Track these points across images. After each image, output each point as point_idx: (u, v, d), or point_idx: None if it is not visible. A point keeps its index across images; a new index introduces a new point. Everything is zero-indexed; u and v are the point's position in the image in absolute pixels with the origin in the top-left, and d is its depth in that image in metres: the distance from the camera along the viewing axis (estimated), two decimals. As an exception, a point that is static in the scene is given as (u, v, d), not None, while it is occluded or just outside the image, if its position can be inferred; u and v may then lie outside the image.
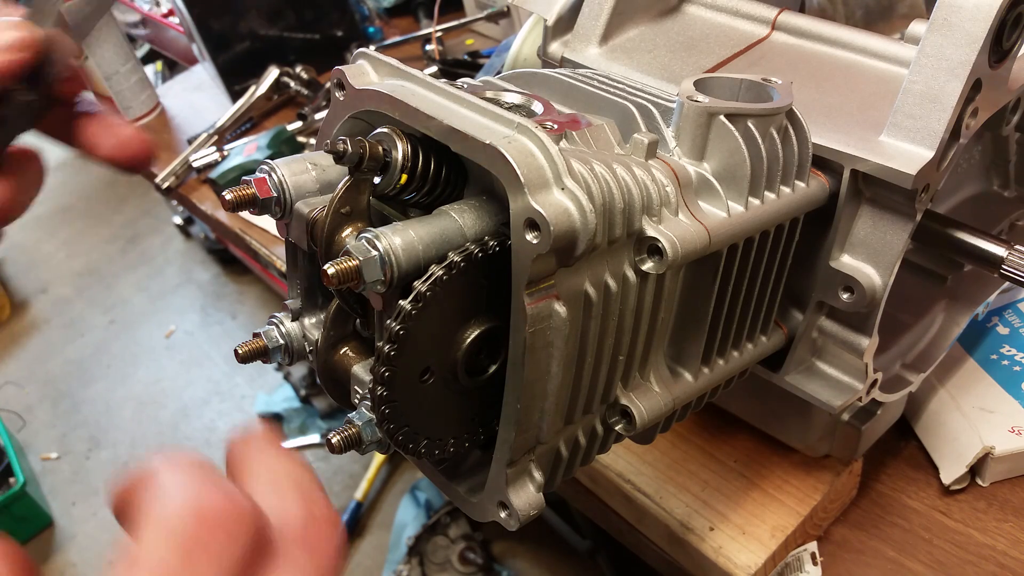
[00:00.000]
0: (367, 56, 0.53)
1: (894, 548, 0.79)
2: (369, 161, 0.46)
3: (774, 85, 0.55)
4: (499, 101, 0.53)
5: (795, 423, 0.78)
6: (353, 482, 2.26)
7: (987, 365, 0.87)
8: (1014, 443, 0.79)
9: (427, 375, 0.47)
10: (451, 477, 0.54)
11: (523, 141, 0.43)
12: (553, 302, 0.44)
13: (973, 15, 0.53)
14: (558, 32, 0.74)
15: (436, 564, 1.99)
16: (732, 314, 0.57)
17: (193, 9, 1.57)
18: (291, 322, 0.56)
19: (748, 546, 0.76)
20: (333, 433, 0.48)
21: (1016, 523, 0.78)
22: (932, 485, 0.83)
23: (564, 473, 0.54)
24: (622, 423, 0.54)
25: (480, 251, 0.44)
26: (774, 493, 0.79)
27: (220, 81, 1.65)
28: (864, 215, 0.61)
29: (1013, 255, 0.64)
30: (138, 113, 1.68)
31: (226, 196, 0.49)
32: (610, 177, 0.46)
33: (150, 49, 2.45)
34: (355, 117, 0.52)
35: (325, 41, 1.70)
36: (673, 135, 0.53)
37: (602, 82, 0.58)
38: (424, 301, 0.43)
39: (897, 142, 0.57)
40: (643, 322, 0.51)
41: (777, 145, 0.54)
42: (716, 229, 0.51)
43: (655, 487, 0.82)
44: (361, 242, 0.43)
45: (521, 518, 0.49)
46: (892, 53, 0.66)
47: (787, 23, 0.72)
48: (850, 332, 0.65)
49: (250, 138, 1.49)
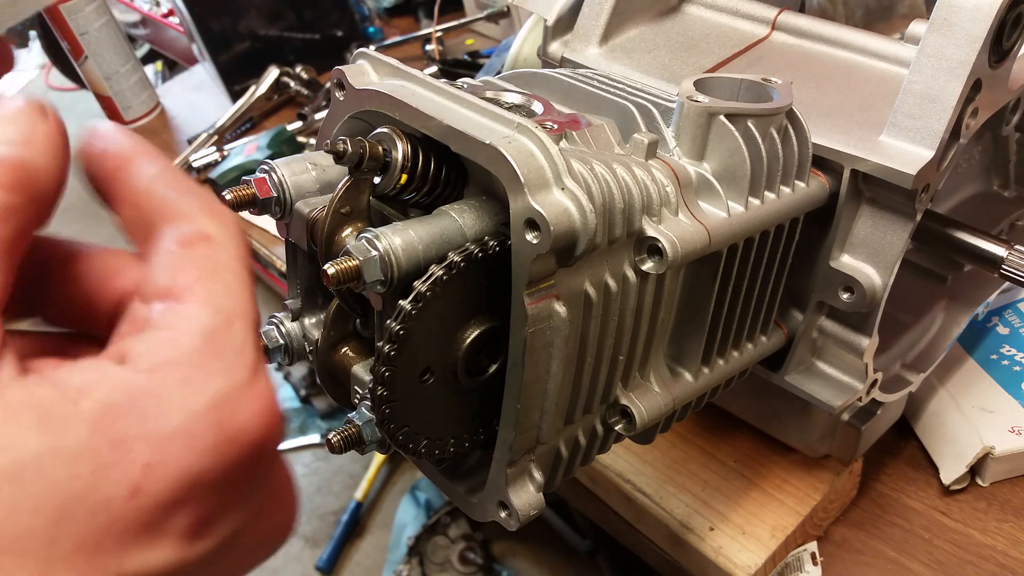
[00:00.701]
0: (367, 56, 0.53)
1: (894, 548, 0.79)
2: (369, 161, 0.46)
3: (774, 85, 0.55)
4: (499, 101, 0.53)
5: (795, 423, 0.78)
6: (353, 482, 2.26)
7: (987, 365, 0.87)
8: (1014, 443, 0.79)
9: (427, 375, 0.47)
10: (451, 477, 0.54)
11: (523, 141, 0.43)
12: (553, 302, 0.44)
13: (973, 15, 0.53)
14: (558, 32, 0.74)
15: (436, 564, 1.99)
16: (732, 314, 0.57)
17: (193, 9, 1.57)
18: (291, 322, 0.56)
19: (748, 546, 0.76)
20: (333, 433, 0.48)
21: (1016, 523, 0.78)
22: (932, 485, 0.83)
23: (564, 473, 0.54)
24: (622, 423, 0.53)
25: (480, 251, 0.44)
26: (774, 493, 0.79)
27: (220, 81, 1.65)
28: (864, 215, 0.61)
29: (1013, 255, 0.64)
30: (138, 113, 1.68)
31: (226, 196, 0.49)
32: (610, 177, 0.46)
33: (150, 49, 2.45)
34: (355, 117, 0.52)
35: (325, 41, 1.70)
36: (673, 135, 0.53)
37: (602, 82, 0.58)
38: (424, 301, 0.43)
39: (897, 142, 0.57)
40: (643, 322, 0.51)
41: (777, 145, 0.54)
42: (716, 229, 0.51)
43: (655, 487, 0.82)
44: (361, 242, 0.43)
45: (521, 518, 0.49)
46: (892, 53, 0.66)
47: (787, 23, 0.72)
48: (850, 332, 0.65)
49: (250, 138, 1.49)
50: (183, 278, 0.31)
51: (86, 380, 0.28)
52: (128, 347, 0.30)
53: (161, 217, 0.32)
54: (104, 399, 0.27)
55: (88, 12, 1.53)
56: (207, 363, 0.29)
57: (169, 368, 0.29)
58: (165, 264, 0.31)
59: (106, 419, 0.27)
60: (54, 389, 0.27)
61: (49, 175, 0.31)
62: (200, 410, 0.28)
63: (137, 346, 0.29)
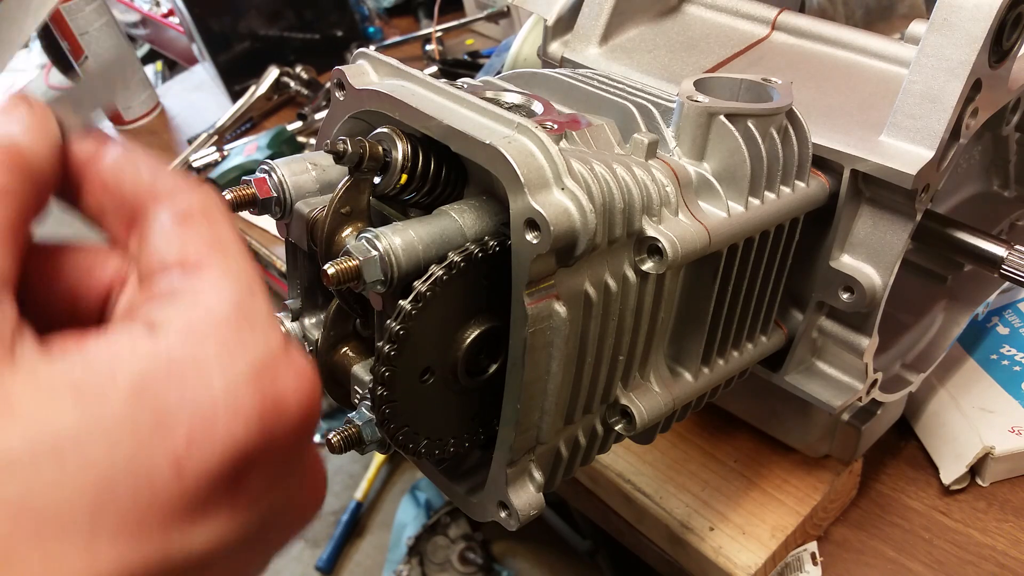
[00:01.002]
0: (367, 56, 0.53)
1: (894, 548, 0.79)
2: (369, 161, 0.46)
3: (774, 85, 0.55)
4: (499, 101, 0.53)
5: (795, 423, 0.78)
6: (353, 482, 2.26)
7: (987, 365, 0.87)
8: (1014, 443, 0.79)
9: (427, 375, 0.47)
10: (451, 477, 0.54)
11: (523, 141, 0.43)
12: (553, 302, 0.44)
13: (973, 15, 0.53)
14: (558, 32, 0.74)
15: (436, 564, 1.99)
16: (732, 314, 0.57)
17: (193, 9, 1.57)
18: (291, 322, 0.56)
19: (748, 546, 0.76)
20: (333, 433, 0.48)
21: (1016, 523, 0.78)
22: (932, 485, 0.83)
23: (564, 473, 0.54)
24: (622, 423, 0.53)
25: (480, 251, 0.44)
26: (774, 493, 0.79)
27: (220, 81, 1.65)
28: (864, 215, 0.61)
29: (1013, 255, 0.64)
30: (138, 113, 1.68)
31: (226, 196, 0.49)
32: (610, 177, 0.46)
33: (150, 49, 2.45)
34: (355, 117, 0.52)
35: (325, 41, 1.71)
36: (673, 135, 0.53)
37: (602, 82, 0.58)
38: (424, 301, 0.43)
39: (897, 142, 0.57)
40: (643, 322, 0.51)
41: (777, 145, 0.54)
42: (716, 229, 0.51)
43: (655, 487, 0.82)
44: (361, 242, 0.43)
45: (521, 518, 0.49)
46: (892, 53, 0.66)
47: (787, 23, 0.72)
48: (850, 332, 0.65)
49: (250, 138, 1.49)
50: (193, 250, 0.30)
51: (118, 351, 0.27)
52: (155, 314, 0.28)
53: (145, 199, 0.31)
54: (140, 369, 0.26)
55: (88, 12, 1.53)
56: (242, 329, 0.28)
57: (205, 333, 0.27)
58: (169, 240, 0.30)
59: (145, 390, 0.26)
60: (85, 363, 0.26)
61: (43, 158, 0.31)
62: (242, 377, 0.27)
63: (165, 311, 0.28)
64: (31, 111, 0.31)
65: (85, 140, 0.33)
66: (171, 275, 0.29)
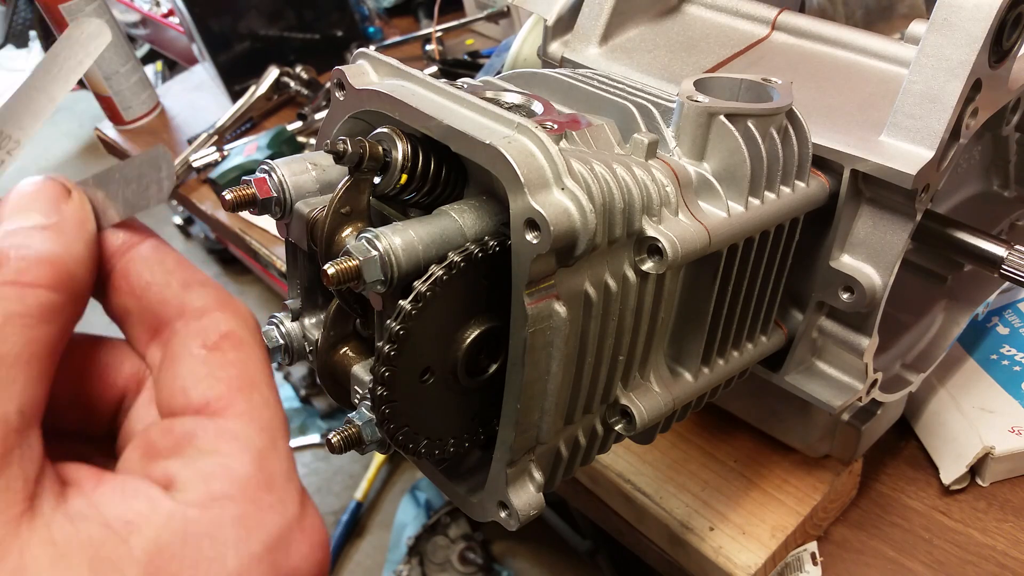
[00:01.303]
0: (367, 56, 0.53)
1: (894, 548, 0.79)
2: (369, 161, 0.46)
3: (774, 85, 0.55)
4: (499, 101, 0.53)
5: (795, 423, 0.78)
6: (353, 482, 2.26)
7: (987, 365, 0.87)
8: (1014, 443, 0.79)
9: (427, 375, 0.47)
10: (451, 477, 0.54)
11: (523, 141, 0.43)
12: (553, 302, 0.44)
13: (973, 15, 0.53)
14: (558, 32, 0.74)
15: (436, 564, 1.99)
16: (732, 314, 0.57)
17: (193, 9, 1.57)
18: (291, 322, 0.56)
19: (748, 546, 0.76)
20: (333, 433, 0.48)
21: (1016, 523, 0.78)
22: (932, 485, 0.83)
23: (564, 473, 0.54)
24: (622, 423, 0.53)
25: (480, 251, 0.44)
26: (774, 493, 0.79)
27: (220, 81, 1.65)
28: (864, 215, 0.61)
29: (1013, 255, 0.64)
30: (138, 113, 1.68)
31: (226, 196, 0.49)
32: (610, 177, 0.46)
33: (150, 49, 2.45)
34: (355, 117, 0.52)
35: (325, 41, 1.71)
36: (673, 135, 0.53)
37: (602, 82, 0.58)
38: (424, 301, 0.43)
39: (897, 142, 0.57)
40: (643, 322, 0.51)
41: (777, 145, 0.54)
42: (716, 229, 0.51)
43: (655, 487, 0.82)
44: (361, 242, 0.43)
45: (521, 518, 0.49)
46: (892, 53, 0.66)
47: (787, 23, 0.72)
48: (850, 332, 0.65)
49: (250, 138, 1.49)
50: (219, 389, 0.29)
51: (135, 512, 0.26)
52: (174, 472, 0.28)
53: (172, 314, 0.31)
54: (156, 538, 0.26)
55: (88, 12, 1.53)
56: (260, 497, 0.28)
57: (223, 503, 0.27)
58: (194, 372, 0.30)
59: (159, 561, 0.26)
60: (102, 525, 0.26)
61: (83, 266, 0.29)
62: (256, 553, 0.27)
63: (184, 471, 0.28)
64: (67, 202, 0.30)
65: (118, 232, 0.31)
66: (195, 419, 0.29)
